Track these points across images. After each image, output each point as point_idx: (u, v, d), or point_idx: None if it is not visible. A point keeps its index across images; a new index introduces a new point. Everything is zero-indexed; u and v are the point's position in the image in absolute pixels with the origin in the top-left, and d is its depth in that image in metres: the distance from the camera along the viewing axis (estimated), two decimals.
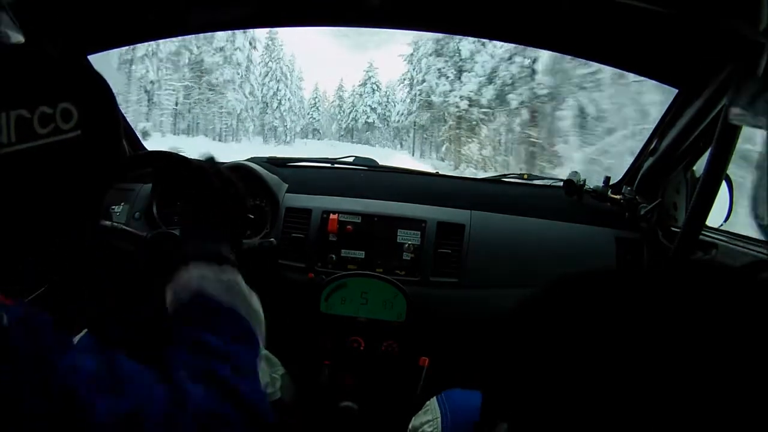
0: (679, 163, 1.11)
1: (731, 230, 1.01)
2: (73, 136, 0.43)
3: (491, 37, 1.19)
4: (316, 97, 28.77)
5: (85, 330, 0.84)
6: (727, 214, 0.99)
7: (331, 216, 1.21)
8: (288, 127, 24.52)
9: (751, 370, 0.25)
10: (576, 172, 1.30)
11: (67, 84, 0.44)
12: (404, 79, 22.48)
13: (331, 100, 29.82)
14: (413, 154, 22.92)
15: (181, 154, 0.97)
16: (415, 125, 22.59)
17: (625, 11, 0.83)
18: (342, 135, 28.00)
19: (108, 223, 1.01)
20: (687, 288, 0.29)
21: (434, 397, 0.77)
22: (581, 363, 0.28)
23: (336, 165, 1.44)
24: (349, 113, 28.64)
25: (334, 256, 1.21)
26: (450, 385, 0.86)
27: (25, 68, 0.42)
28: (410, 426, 0.79)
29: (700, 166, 1.07)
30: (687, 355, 0.26)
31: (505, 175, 1.43)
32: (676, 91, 1.09)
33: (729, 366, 0.26)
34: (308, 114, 28.17)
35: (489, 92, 15.97)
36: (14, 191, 0.40)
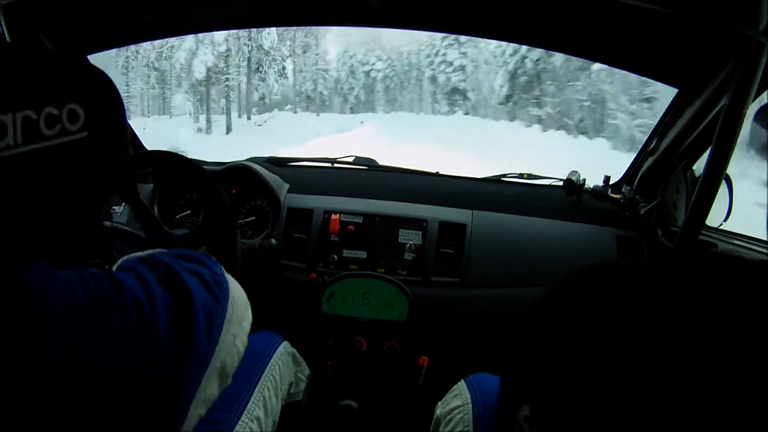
0: (678, 162, 1.12)
1: (731, 230, 1.02)
2: (80, 137, 0.43)
3: (492, 37, 1.19)
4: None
5: None
6: (727, 213, 0.99)
7: (333, 216, 1.21)
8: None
9: None
10: (576, 171, 1.30)
11: (74, 84, 0.44)
12: None
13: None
14: None
15: (181, 154, 0.98)
16: None
17: (625, 11, 0.83)
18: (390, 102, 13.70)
19: (108, 223, 1.01)
20: (713, 279, 0.29)
21: (462, 381, 0.75)
22: (606, 350, 0.28)
23: (336, 165, 1.44)
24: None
25: (335, 256, 1.21)
26: (451, 384, 0.86)
27: (31, 69, 0.42)
28: (438, 413, 0.76)
29: (700, 166, 1.08)
30: (714, 344, 0.26)
31: (505, 175, 1.43)
32: (676, 90, 1.10)
33: (756, 356, 0.26)
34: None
35: None
36: (20, 193, 0.40)
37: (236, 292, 0.54)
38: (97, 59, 1.15)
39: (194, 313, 0.45)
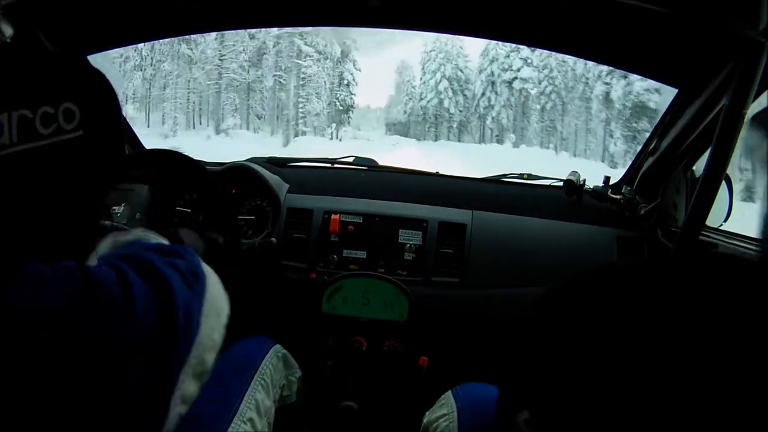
0: (678, 162, 1.12)
1: (731, 230, 1.02)
2: (76, 136, 0.43)
3: (492, 37, 1.19)
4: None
5: None
6: (727, 214, 0.99)
7: (333, 216, 1.21)
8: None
9: None
10: (576, 171, 1.30)
11: (70, 83, 0.44)
12: None
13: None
14: None
15: (181, 152, 0.97)
16: None
17: (625, 11, 0.83)
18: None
19: (108, 223, 1.01)
20: (713, 279, 0.29)
21: (449, 391, 0.76)
22: (606, 352, 0.28)
23: (336, 165, 1.44)
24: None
25: (335, 256, 1.21)
26: (452, 384, 0.86)
27: (27, 68, 0.42)
28: (425, 421, 0.77)
29: (699, 166, 1.08)
30: (714, 345, 0.26)
31: (505, 175, 1.43)
32: (676, 91, 1.10)
33: (755, 356, 0.26)
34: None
35: None
36: (16, 192, 0.40)
37: (213, 283, 0.53)
38: None
39: (175, 309, 0.44)
